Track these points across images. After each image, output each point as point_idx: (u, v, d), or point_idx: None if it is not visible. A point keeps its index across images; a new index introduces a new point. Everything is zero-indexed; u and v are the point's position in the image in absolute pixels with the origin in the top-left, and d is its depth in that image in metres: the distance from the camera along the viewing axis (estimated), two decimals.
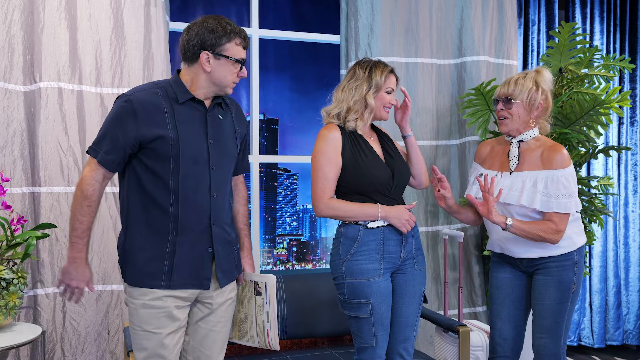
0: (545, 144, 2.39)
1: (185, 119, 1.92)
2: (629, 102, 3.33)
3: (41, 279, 2.84)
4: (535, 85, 2.37)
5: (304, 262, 7.82)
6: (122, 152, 1.88)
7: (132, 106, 1.86)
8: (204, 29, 1.89)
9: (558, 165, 2.32)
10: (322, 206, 2.25)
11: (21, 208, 2.82)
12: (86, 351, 2.90)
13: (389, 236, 2.26)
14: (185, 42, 1.92)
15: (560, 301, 2.36)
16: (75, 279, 1.90)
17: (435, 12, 3.62)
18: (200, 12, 3.78)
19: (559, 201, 2.29)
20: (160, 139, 1.86)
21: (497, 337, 2.52)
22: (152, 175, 1.89)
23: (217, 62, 1.91)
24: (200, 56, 1.90)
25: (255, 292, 2.08)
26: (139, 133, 1.86)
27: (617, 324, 4.26)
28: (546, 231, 2.29)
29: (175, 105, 1.92)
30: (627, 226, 4.29)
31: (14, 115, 2.82)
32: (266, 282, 2.05)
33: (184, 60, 1.96)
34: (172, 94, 1.93)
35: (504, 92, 2.40)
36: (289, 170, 8.93)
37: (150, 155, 1.88)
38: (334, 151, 2.24)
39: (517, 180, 2.37)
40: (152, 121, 1.87)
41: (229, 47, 1.91)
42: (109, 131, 1.88)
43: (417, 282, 2.34)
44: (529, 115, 2.38)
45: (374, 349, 2.24)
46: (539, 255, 2.38)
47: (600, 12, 4.24)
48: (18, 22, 2.83)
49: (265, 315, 2.06)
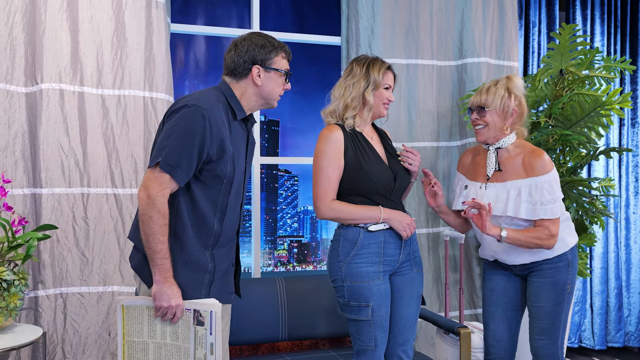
0: (525, 150, 2.39)
1: (235, 137, 1.95)
2: (630, 103, 3.33)
3: (42, 280, 2.84)
4: (507, 92, 2.38)
5: (304, 264, 7.82)
6: (194, 170, 1.85)
7: (208, 123, 1.83)
8: (253, 45, 1.96)
9: (540, 171, 2.32)
10: (325, 208, 2.23)
11: (22, 209, 2.82)
12: (87, 352, 2.90)
13: (389, 239, 2.25)
14: (235, 58, 1.97)
15: (556, 302, 2.37)
16: (173, 297, 1.83)
17: (435, 13, 3.62)
18: (201, 14, 3.78)
19: (544, 207, 2.30)
20: (223, 158, 1.87)
21: (491, 339, 2.52)
22: (204, 191, 1.88)
23: (267, 75, 1.98)
24: (251, 71, 1.96)
25: (195, 322, 1.87)
26: (210, 151, 1.84)
27: (619, 325, 4.25)
28: (541, 238, 2.30)
29: (232, 122, 1.94)
30: (628, 227, 4.28)
31: (15, 117, 2.83)
32: (212, 311, 1.84)
33: (230, 76, 1.99)
34: (230, 110, 1.95)
35: (476, 101, 2.42)
36: (289, 172, 8.92)
37: (208, 172, 1.87)
38: (336, 152, 2.23)
39: (501, 191, 2.38)
40: (220, 140, 1.86)
41: (277, 61, 1.99)
42: (186, 147, 1.81)
43: (416, 284, 2.34)
44: (504, 122, 2.39)
45: (374, 352, 2.23)
46: (533, 260, 2.39)
47: (600, 14, 4.24)
48: (20, 24, 2.84)
49: (208, 348, 1.85)
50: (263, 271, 3.86)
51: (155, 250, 1.80)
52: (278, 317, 2.91)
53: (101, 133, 2.96)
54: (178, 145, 1.80)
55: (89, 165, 2.93)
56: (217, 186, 1.89)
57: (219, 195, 1.90)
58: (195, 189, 1.87)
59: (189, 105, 1.84)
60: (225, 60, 2.00)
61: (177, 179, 1.81)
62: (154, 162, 1.82)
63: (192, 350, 1.86)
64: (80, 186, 2.91)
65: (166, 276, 1.82)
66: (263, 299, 2.91)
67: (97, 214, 2.94)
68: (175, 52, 3.23)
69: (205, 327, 1.85)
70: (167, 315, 1.84)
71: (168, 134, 1.83)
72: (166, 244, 1.81)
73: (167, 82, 3.10)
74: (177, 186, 1.83)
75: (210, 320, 1.84)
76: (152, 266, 1.82)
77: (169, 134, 1.83)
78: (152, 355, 1.90)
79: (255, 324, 2.87)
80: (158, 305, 1.83)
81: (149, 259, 1.82)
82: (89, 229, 2.92)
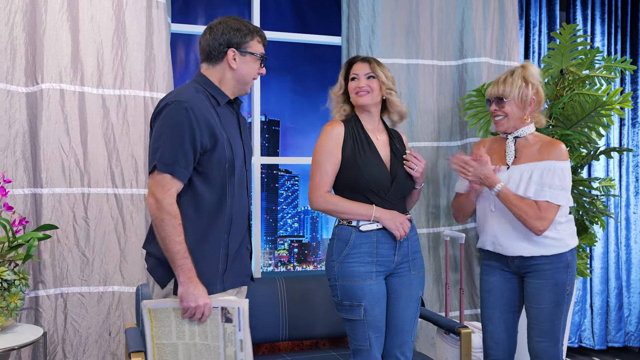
0: (543, 140, 2.43)
1: (226, 122, 1.95)
2: (630, 103, 3.32)
3: (42, 280, 2.84)
4: (525, 82, 2.39)
5: (305, 264, 7.82)
6: (192, 164, 1.85)
7: (193, 114, 1.83)
8: (229, 28, 1.95)
9: (555, 157, 2.35)
10: (319, 199, 2.27)
11: (23, 209, 2.82)
12: (87, 352, 2.90)
13: (381, 240, 2.25)
14: (210, 41, 1.95)
15: (556, 303, 2.36)
16: (200, 296, 1.82)
17: (436, 13, 3.62)
18: (201, 14, 3.78)
19: (552, 191, 2.31)
20: (217, 145, 1.87)
21: (490, 341, 2.52)
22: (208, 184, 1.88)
23: (242, 58, 1.97)
24: (227, 54, 1.95)
25: (224, 319, 1.86)
26: (203, 141, 1.84)
27: (619, 325, 4.25)
28: (528, 213, 2.31)
29: (218, 108, 1.94)
30: (629, 227, 4.28)
31: (16, 117, 2.83)
32: (239, 307, 1.84)
33: (207, 61, 1.98)
34: (212, 97, 1.95)
35: (494, 92, 2.43)
36: (290, 172, 8.93)
37: (206, 162, 1.87)
38: (334, 146, 2.28)
39: (514, 173, 2.40)
40: (209, 128, 1.86)
41: (253, 45, 1.98)
42: (177, 142, 1.81)
43: (414, 286, 2.33)
44: (523, 112, 2.41)
45: (369, 352, 2.23)
46: (532, 254, 2.37)
47: (601, 14, 4.24)
48: (20, 24, 2.84)
49: (238, 345, 1.85)
50: (263, 271, 3.86)
51: (174, 251, 1.80)
52: (278, 317, 2.91)
53: (102, 133, 2.96)
54: (169, 143, 1.81)
55: (90, 165, 2.93)
56: (220, 173, 1.89)
57: (223, 182, 1.90)
58: (198, 184, 1.87)
59: (169, 103, 1.85)
60: (201, 44, 1.99)
61: (178, 176, 1.81)
62: (151, 166, 1.83)
63: (222, 348, 1.86)
64: (81, 186, 2.92)
65: (190, 276, 1.81)
66: (263, 298, 2.91)
67: (97, 213, 2.94)
68: (176, 52, 3.23)
69: (233, 324, 1.84)
70: (196, 315, 1.84)
71: (157, 135, 1.85)
72: (183, 244, 1.81)
73: (168, 82, 3.10)
74: (181, 183, 1.84)
75: (239, 317, 1.83)
76: (174, 268, 1.82)
77: (158, 135, 1.84)
78: (182, 356, 1.88)
79: (256, 323, 2.87)
80: (186, 306, 1.82)
81: (170, 261, 1.82)
82: (89, 228, 2.92)
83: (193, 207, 1.88)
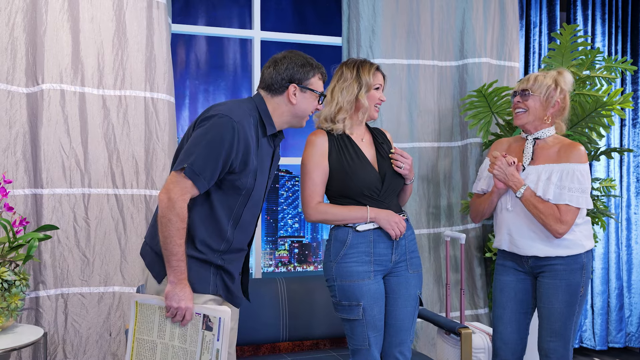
0: (562, 142, 2.42)
1: (262, 153, 1.96)
2: (631, 103, 3.32)
3: (43, 281, 2.84)
4: (555, 84, 2.41)
5: (305, 264, 7.82)
6: (216, 178, 1.86)
7: (237, 135, 1.84)
8: (293, 63, 1.99)
9: (575, 159, 2.34)
10: (311, 211, 2.28)
11: (23, 210, 2.82)
12: (88, 353, 2.90)
13: (378, 239, 2.26)
14: (274, 75, 1.99)
15: (569, 304, 2.36)
16: (184, 299, 1.84)
17: (436, 14, 3.62)
18: (202, 15, 3.79)
19: (571, 194, 2.31)
20: (245, 171, 1.89)
21: (499, 341, 2.51)
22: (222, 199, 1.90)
23: (303, 95, 2.01)
24: (288, 88, 1.98)
25: (204, 327, 1.88)
26: (234, 163, 1.86)
27: (620, 326, 4.25)
28: (548, 217, 2.31)
29: (261, 138, 1.96)
30: (630, 228, 4.28)
31: (16, 117, 2.83)
32: (220, 318, 1.85)
33: (266, 90, 2.01)
34: (261, 125, 1.97)
35: (522, 86, 2.45)
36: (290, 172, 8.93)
37: (229, 182, 1.89)
38: (320, 156, 2.28)
39: (532, 173, 2.40)
40: (245, 153, 1.88)
41: (314, 82, 2.03)
42: (213, 156, 1.82)
43: (412, 285, 2.33)
44: (545, 112, 2.41)
45: (368, 351, 2.24)
46: (547, 254, 2.37)
47: (601, 14, 4.24)
48: (21, 24, 2.84)
49: (214, 354, 1.85)
50: (264, 271, 3.86)
51: (172, 252, 1.82)
52: (279, 318, 2.91)
53: (102, 133, 2.96)
54: (205, 153, 1.82)
55: (90, 165, 2.93)
56: (234, 196, 1.91)
57: (235, 205, 1.92)
58: (214, 196, 1.89)
59: (221, 115, 1.85)
60: (263, 74, 2.03)
61: (199, 187, 1.83)
62: (179, 166, 1.83)
63: (198, 354, 1.87)
64: (81, 186, 2.92)
65: (180, 278, 1.84)
66: (264, 299, 2.91)
67: (98, 214, 2.94)
68: (177, 53, 3.24)
69: (213, 333, 1.86)
70: (177, 316, 1.86)
71: (197, 140, 1.84)
72: (183, 247, 1.83)
73: (168, 82, 3.10)
74: (198, 193, 1.86)
75: (219, 327, 1.84)
76: (168, 267, 1.84)
77: (198, 141, 1.84)
78: (159, 355, 1.91)
79: (256, 324, 2.88)
80: (168, 304, 1.85)
81: (165, 260, 1.84)
82: (89, 229, 2.92)
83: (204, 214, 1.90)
